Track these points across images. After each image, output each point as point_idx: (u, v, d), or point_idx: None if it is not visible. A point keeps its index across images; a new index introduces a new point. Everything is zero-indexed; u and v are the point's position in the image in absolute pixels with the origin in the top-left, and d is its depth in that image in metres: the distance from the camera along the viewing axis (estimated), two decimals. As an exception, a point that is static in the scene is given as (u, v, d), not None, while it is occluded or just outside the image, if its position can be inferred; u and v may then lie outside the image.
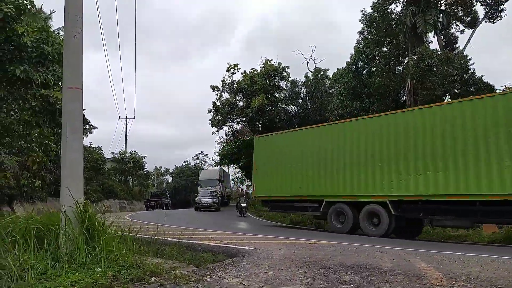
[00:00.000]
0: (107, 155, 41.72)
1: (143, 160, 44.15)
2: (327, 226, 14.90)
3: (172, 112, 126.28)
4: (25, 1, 8.06)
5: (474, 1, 24.40)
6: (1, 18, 7.37)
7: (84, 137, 25.88)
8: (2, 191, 11.71)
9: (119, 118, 44.49)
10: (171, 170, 75.02)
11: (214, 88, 36.65)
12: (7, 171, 10.69)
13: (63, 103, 5.16)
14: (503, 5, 23.81)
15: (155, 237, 6.37)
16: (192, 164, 68.60)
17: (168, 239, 7.11)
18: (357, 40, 27.35)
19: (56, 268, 4.01)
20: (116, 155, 42.82)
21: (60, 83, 8.13)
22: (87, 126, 32.65)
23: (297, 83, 36.94)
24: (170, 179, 75.14)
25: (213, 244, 6.80)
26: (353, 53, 27.08)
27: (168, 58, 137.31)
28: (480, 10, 24.86)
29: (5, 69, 7.81)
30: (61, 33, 18.32)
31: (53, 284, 3.53)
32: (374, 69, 26.71)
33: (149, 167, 62.70)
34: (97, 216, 4.83)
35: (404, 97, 23.64)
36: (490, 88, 22.25)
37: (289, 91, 36.93)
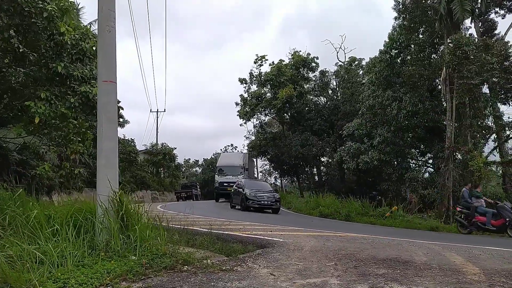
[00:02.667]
0: (140, 147, 42.93)
1: (174, 152, 45.03)
2: None
3: (206, 103, 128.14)
4: (66, 2, 8.44)
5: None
6: (46, 17, 7.73)
7: (119, 128, 26.83)
8: (42, 182, 12.27)
9: (150, 111, 45.51)
10: (200, 162, 76.15)
11: (242, 80, 36.75)
12: (47, 162, 11.19)
13: (98, 96, 5.32)
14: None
15: (187, 227, 6.49)
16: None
17: (199, 229, 7.24)
18: (393, 26, 26.44)
19: (92, 255, 4.17)
20: (148, 147, 43.92)
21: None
22: (121, 120, 33.63)
23: (327, 74, 36.33)
24: (199, 171, 76.29)
25: (243, 235, 6.86)
26: (387, 40, 26.22)
27: (203, 47, 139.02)
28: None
29: (47, 65, 8.21)
30: (93, 27, 18.93)
31: (90, 271, 3.67)
32: (408, 57, 25.78)
33: (180, 159, 64.02)
34: (131, 206, 4.97)
35: (440, 86, 22.71)
36: (533, 76, 21.00)
37: (318, 82, 36.41)
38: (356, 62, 35.38)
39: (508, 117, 22.61)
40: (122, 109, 18.20)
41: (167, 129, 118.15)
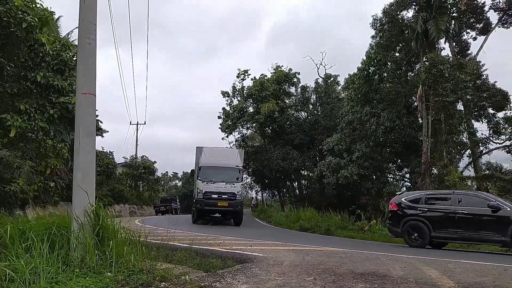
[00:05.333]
0: (119, 160, 42.18)
1: (154, 165, 44.45)
2: None
3: (190, 114, 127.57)
4: (46, 13, 8.36)
5: (486, 8, 24.14)
6: (25, 27, 7.64)
7: (97, 137, 26.39)
8: (15, 196, 11.89)
9: (130, 124, 44.95)
10: (179, 175, 75.39)
11: (224, 94, 36.87)
12: (21, 176, 10.87)
13: (76, 108, 5.25)
14: (517, 9, 23.51)
15: (165, 242, 6.40)
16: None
17: (178, 244, 7.13)
18: (370, 45, 27.25)
19: (67, 272, 4.05)
20: (128, 160, 43.21)
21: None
22: (99, 131, 33.09)
23: (307, 89, 36.92)
24: (179, 184, 75.45)
25: (223, 250, 6.80)
26: (365, 58, 26.98)
27: (192, 56, 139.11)
28: (494, 16, 24.58)
29: (26, 76, 8.09)
30: (71, 38, 18.70)
31: (64, 288, 3.56)
32: (385, 74, 26.54)
33: (161, 171, 63.08)
34: (108, 220, 4.87)
35: (416, 103, 23.41)
36: (503, 94, 21.93)
37: (299, 97, 36.92)
38: (332, 79, 36.18)
39: (482, 134, 23.47)
40: (101, 122, 17.93)
41: (147, 140, 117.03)
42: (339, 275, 4.80)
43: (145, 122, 45.91)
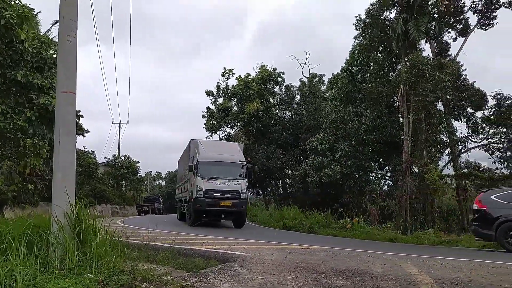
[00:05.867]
0: (101, 159, 41.53)
1: (137, 165, 43.92)
2: None
3: (174, 113, 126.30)
4: (25, 9, 8.15)
5: (466, 9, 24.71)
6: (3, 24, 7.44)
7: (78, 137, 25.80)
8: (-8, 196, 11.60)
9: (112, 123, 44.30)
10: (163, 175, 74.74)
11: (208, 93, 36.73)
12: (-1, 176, 10.60)
13: (56, 107, 5.17)
14: (494, 12, 24.16)
15: (147, 242, 6.35)
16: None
17: (160, 244, 7.09)
18: (352, 45, 27.59)
19: (45, 273, 3.98)
20: (110, 160, 42.58)
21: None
22: (80, 130, 32.49)
23: (292, 88, 37.10)
24: (163, 184, 74.82)
25: (205, 249, 6.79)
26: (348, 58, 27.30)
27: (178, 54, 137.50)
28: (473, 17, 25.19)
29: (5, 75, 7.89)
30: (51, 34, 18.30)
31: (42, 290, 3.50)
32: (368, 74, 26.90)
33: (145, 170, 62.37)
34: (89, 221, 4.81)
35: (397, 103, 23.82)
36: (481, 94, 22.51)
37: (283, 96, 37.07)
38: (317, 78, 36.46)
39: (461, 133, 24.05)
40: (82, 117, 17.62)
41: (130, 139, 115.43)
42: (320, 273, 4.86)
43: (128, 121, 45.42)
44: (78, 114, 7.48)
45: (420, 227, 17.51)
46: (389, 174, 28.05)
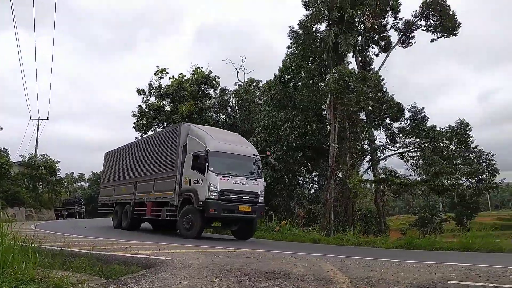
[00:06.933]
0: (15, 158, 37.83)
1: (57, 165, 40.71)
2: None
3: (103, 110, 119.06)
4: None
5: (389, 27, 26.96)
6: None
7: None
8: None
9: (30, 119, 40.54)
10: (86, 176, 70.25)
11: (140, 91, 35.42)
12: None
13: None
14: (413, 32, 26.67)
15: (63, 248, 5.92)
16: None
17: (78, 250, 6.66)
18: (286, 54, 28.55)
19: None
20: (26, 159, 38.91)
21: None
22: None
23: (227, 92, 37.23)
24: (85, 186, 70.28)
25: (127, 255, 6.51)
26: (281, 66, 28.19)
27: (109, 48, 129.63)
28: (395, 36, 27.54)
29: None
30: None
31: None
32: (299, 83, 28.03)
33: (66, 171, 58.04)
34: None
35: (325, 111, 25.14)
36: (399, 107, 24.64)
37: (218, 99, 37.05)
38: (254, 83, 37.06)
39: (380, 141, 26.03)
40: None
41: (50, 137, 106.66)
42: (244, 275, 4.93)
43: (47, 117, 41.75)
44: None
45: (342, 229, 18.58)
46: (316, 178, 29.38)
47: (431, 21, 25.39)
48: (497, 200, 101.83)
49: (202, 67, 35.54)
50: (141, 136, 34.30)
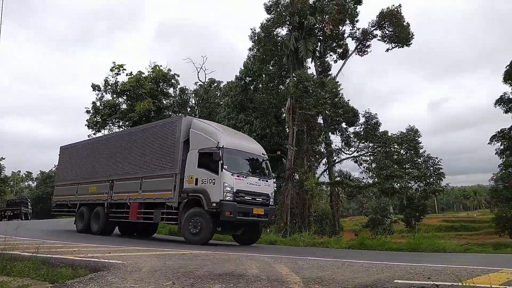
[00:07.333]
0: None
1: (1, 162, 38.16)
2: None
3: (55, 107, 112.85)
4: None
5: (346, 35, 27.91)
6: None
7: None
8: None
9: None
10: (34, 175, 66.45)
11: (95, 87, 34.09)
12: None
13: None
14: (369, 41, 27.79)
15: (4, 252, 5.55)
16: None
17: (21, 253, 6.27)
18: (247, 56, 28.70)
19: None
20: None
21: None
22: None
23: (187, 92, 36.77)
24: (33, 185, 66.41)
25: (76, 258, 6.21)
26: (242, 68, 28.31)
27: (60, 42, 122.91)
28: (352, 44, 28.55)
29: None
30: None
31: None
32: (260, 85, 28.28)
33: (12, 169, 54.63)
34: None
35: (284, 114, 25.55)
36: (354, 112, 25.57)
37: (177, 98, 36.48)
38: (215, 84, 36.90)
39: (335, 145, 26.87)
40: None
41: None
42: (198, 278, 4.87)
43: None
44: None
45: (298, 230, 18.92)
46: (274, 180, 29.67)
47: (387, 31, 26.60)
48: (443, 203, 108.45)
49: (161, 65, 34.89)
50: (94, 134, 32.95)
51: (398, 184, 23.38)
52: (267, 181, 12.81)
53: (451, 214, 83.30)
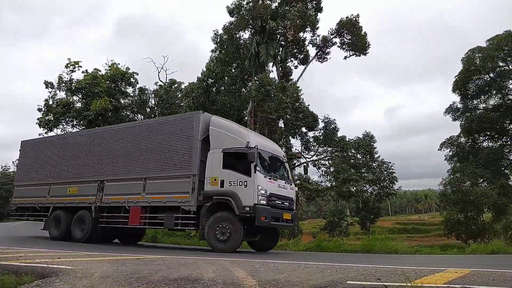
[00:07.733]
0: None
1: None
2: None
3: (5, 104, 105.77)
4: None
5: (307, 42, 28.55)
6: None
7: None
8: None
9: None
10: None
11: (48, 84, 32.40)
12: None
13: None
14: (329, 48, 28.60)
15: None
16: (12, 170, 57.99)
17: (-42, 260, 5.81)
18: (210, 58, 28.56)
19: None
20: None
21: None
22: None
23: (146, 92, 35.88)
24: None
25: (21, 264, 5.86)
26: (205, 70, 28.12)
27: (10, 35, 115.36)
28: (313, 51, 29.23)
29: None
30: None
31: None
32: (222, 88, 28.21)
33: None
34: None
35: (246, 117, 25.63)
36: (314, 117, 26.15)
37: (136, 98, 35.51)
38: (176, 85, 36.32)
39: (296, 149, 27.30)
40: None
41: None
42: (152, 283, 4.76)
43: None
44: None
45: (257, 233, 18.96)
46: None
47: (345, 39, 27.49)
48: (396, 206, 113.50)
49: (119, 63, 33.82)
50: (46, 133, 31.19)
51: (355, 188, 24.13)
52: (291, 184, 12.39)
53: (404, 217, 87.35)
